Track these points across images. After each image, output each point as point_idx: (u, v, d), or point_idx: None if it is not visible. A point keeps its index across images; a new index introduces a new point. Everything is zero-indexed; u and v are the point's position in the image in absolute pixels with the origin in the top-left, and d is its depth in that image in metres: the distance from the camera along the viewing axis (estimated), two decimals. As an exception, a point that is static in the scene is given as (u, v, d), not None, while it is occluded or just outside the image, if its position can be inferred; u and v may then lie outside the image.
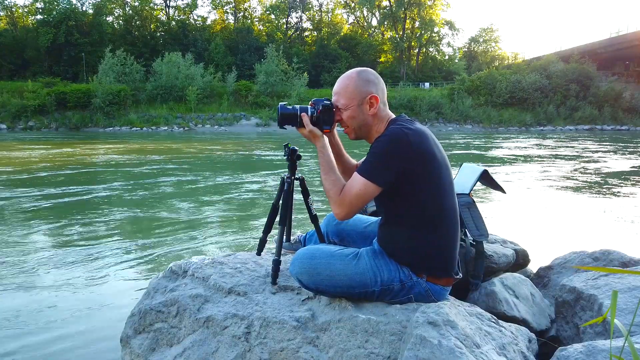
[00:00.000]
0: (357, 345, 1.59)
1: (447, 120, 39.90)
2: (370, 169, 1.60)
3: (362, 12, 62.42)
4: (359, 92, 1.72)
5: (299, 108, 1.80)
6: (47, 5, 47.63)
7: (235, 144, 21.04)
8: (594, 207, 6.61)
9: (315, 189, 6.85)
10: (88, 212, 6.14)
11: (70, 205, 6.59)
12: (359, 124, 1.75)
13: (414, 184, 1.60)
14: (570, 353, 1.36)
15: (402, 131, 1.60)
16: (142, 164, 12.33)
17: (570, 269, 2.34)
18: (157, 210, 6.37)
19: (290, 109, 1.79)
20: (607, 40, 47.24)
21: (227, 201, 7.13)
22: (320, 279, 1.68)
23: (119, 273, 3.82)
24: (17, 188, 8.08)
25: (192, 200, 7.15)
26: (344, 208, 1.62)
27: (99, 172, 10.72)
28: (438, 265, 1.69)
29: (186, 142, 22.18)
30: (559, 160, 13.78)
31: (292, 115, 1.79)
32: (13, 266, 3.93)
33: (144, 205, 6.70)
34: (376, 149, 1.61)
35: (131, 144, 20.44)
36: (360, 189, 1.59)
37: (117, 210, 6.31)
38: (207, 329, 1.79)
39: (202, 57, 45.93)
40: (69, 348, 2.59)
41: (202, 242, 4.88)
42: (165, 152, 16.34)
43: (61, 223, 5.53)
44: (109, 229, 5.32)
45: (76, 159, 13.53)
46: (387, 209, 1.72)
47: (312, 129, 1.76)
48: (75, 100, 35.85)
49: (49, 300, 3.27)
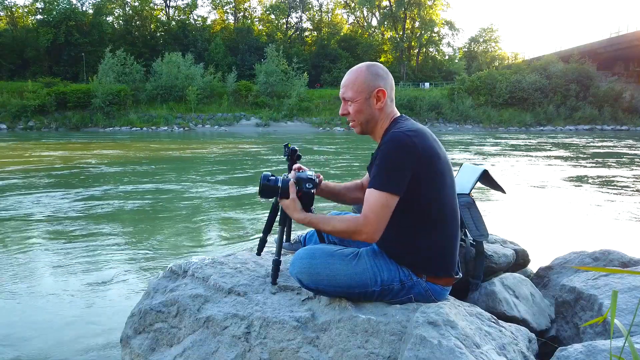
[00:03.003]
0: (357, 345, 1.59)
1: (447, 121, 39.94)
2: (385, 181, 1.57)
3: (362, 12, 62.49)
4: (367, 85, 1.71)
5: (280, 181, 1.75)
6: (47, 5, 47.68)
7: (235, 144, 21.04)
8: (594, 207, 6.61)
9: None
10: (87, 212, 6.14)
11: (70, 205, 6.59)
12: (366, 118, 1.74)
13: (419, 185, 1.60)
14: (570, 353, 1.36)
15: (404, 135, 1.58)
16: (141, 164, 12.33)
17: (570, 269, 2.34)
18: (157, 210, 6.37)
19: (273, 180, 1.75)
20: (607, 40, 47.26)
21: (227, 201, 7.13)
22: (320, 279, 1.68)
23: (118, 273, 3.82)
24: (16, 188, 8.08)
25: (192, 200, 7.15)
26: (372, 226, 1.58)
27: (99, 172, 10.71)
28: (438, 265, 1.69)
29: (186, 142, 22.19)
30: (558, 160, 13.78)
31: (273, 188, 1.75)
32: (12, 266, 3.93)
33: (143, 205, 6.70)
34: (384, 159, 1.58)
35: (131, 144, 20.45)
36: (382, 203, 1.56)
37: (116, 210, 6.31)
38: (207, 329, 1.79)
39: (202, 57, 45.97)
40: (69, 348, 2.59)
41: (202, 242, 4.88)
42: (165, 152, 16.35)
43: (60, 223, 5.53)
44: (109, 228, 5.32)
45: (76, 159, 13.53)
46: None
47: (296, 200, 1.73)
48: (75, 100, 35.90)
49: (48, 300, 3.27)
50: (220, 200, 7.18)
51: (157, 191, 7.94)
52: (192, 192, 7.83)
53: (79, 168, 11.26)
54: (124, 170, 11.05)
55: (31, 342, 2.66)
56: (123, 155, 14.83)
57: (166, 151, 16.80)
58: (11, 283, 3.56)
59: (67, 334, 2.76)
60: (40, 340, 2.68)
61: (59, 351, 2.55)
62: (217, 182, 9.04)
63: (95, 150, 16.63)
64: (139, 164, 12.27)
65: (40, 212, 6.15)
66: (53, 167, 11.21)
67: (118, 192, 7.78)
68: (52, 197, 7.25)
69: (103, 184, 8.76)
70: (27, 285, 3.54)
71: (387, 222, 1.59)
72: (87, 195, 7.44)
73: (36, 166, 11.41)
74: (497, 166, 12.08)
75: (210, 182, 9.03)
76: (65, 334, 2.75)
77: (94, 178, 9.62)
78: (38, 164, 11.81)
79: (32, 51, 44.69)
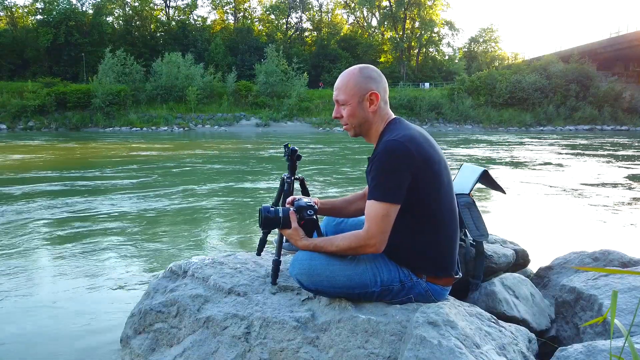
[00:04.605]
0: (357, 346, 1.59)
1: (447, 121, 39.93)
2: (385, 191, 1.57)
3: (362, 12, 62.48)
4: (360, 88, 1.69)
5: (281, 211, 1.76)
6: (47, 6, 47.66)
7: (235, 144, 21.04)
8: (594, 207, 6.61)
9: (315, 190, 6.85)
10: (87, 212, 6.14)
11: (69, 206, 6.59)
12: (359, 122, 1.73)
13: (417, 188, 1.60)
14: (570, 353, 1.36)
15: (398, 142, 1.57)
16: (141, 164, 12.33)
17: (570, 269, 2.33)
18: (157, 210, 6.37)
19: (273, 211, 1.75)
20: (607, 41, 47.28)
21: (227, 201, 7.13)
22: (320, 279, 1.67)
23: (119, 273, 3.82)
24: (16, 188, 8.08)
25: (191, 200, 7.15)
26: (376, 238, 1.59)
27: (99, 172, 10.71)
28: (438, 265, 1.69)
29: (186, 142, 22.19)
30: (559, 160, 13.78)
31: (274, 219, 1.75)
32: (12, 266, 3.93)
33: (143, 205, 6.70)
34: (381, 169, 1.58)
35: (131, 144, 20.45)
36: (383, 214, 1.57)
37: (116, 210, 6.31)
38: (207, 329, 1.79)
39: (202, 57, 45.94)
40: (69, 348, 2.58)
41: (202, 242, 4.88)
42: (165, 152, 16.35)
43: (60, 223, 5.53)
44: (109, 228, 5.32)
45: (75, 159, 13.53)
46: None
47: (298, 229, 1.75)
48: (75, 101, 35.87)
49: (48, 300, 3.27)
50: (220, 200, 7.18)
51: (157, 191, 7.94)
52: (192, 192, 7.83)
53: (79, 168, 11.26)
54: (124, 170, 11.04)
55: (31, 342, 2.66)
56: (123, 156, 14.83)
57: (166, 151, 16.80)
58: (11, 283, 3.56)
59: (67, 334, 2.76)
60: (40, 340, 2.67)
61: (59, 351, 2.55)
62: (217, 182, 9.04)
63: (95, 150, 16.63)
64: (139, 164, 12.27)
65: (40, 212, 6.14)
66: (53, 167, 11.20)
67: (117, 192, 7.78)
68: (52, 197, 7.25)
69: (103, 183, 8.76)
70: (27, 285, 3.54)
71: (389, 231, 1.60)
72: (87, 195, 7.44)
73: (36, 166, 11.40)
74: (497, 166, 12.08)
75: (210, 182, 9.03)
76: (66, 334, 2.75)
77: (93, 178, 9.62)
78: (38, 164, 11.81)
79: (32, 51, 44.68)
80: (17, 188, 8.11)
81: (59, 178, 9.51)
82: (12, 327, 2.84)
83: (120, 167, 11.60)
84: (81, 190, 8.00)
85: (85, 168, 11.32)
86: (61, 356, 2.51)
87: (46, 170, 10.72)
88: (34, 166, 11.43)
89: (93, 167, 11.65)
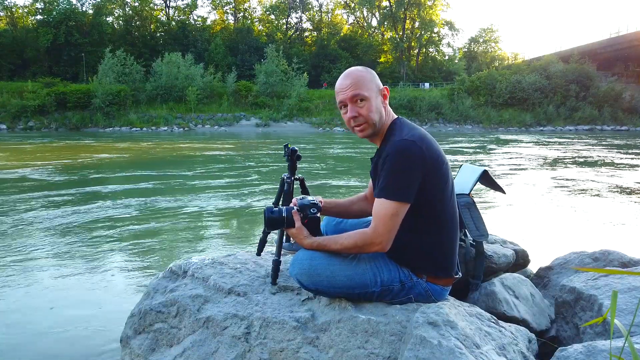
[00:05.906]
0: (357, 346, 1.59)
1: (447, 121, 39.91)
2: (395, 189, 1.56)
3: (362, 13, 62.45)
4: (375, 83, 1.69)
5: (284, 210, 1.75)
6: (47, 6, 47.66)
7: (235, 144, 21.04)
8: (594, 207, 6.61)
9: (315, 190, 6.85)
10: (87, 212, 6.14)
11: (69, 206, 6.59)
12: (379, 117, 1.69)
13: (425, 189, 1.59)
14: (570, 353, 1.36)
15: (411, 142, 1.56)
16: (141, 164, 12.33)
17: (570, 269, 2.33)
18: (157, 211, 6.36)
19: (276, 211, 1.74)
20: (606, 41, 47.26)
21: (227, 201, 7.13)
22: (320, 280, 1.67)
23: (119, 273, 3.82)
24: (16, 188, 8.07)
25: (191, 200, 7.15)
26: (382, 237, 1.58)
27: (98, 172, 10.71)
28: (438, 265, 1.69)
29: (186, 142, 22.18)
30: (558, 160, 13.78)
31: (278, 219, 1.74)
32: (12, 266, 3.93)
33: (143, 205, 6.70)
34: (392, 168, 1.56)
35: (131, 144, 20.44)
36: (392, 212, 1.55)
37: (116, 211, 6.31)
38: (207, 329, 1.79)
39: (202, 57, 45.91)
40: (69, 348, 2.59)
41: (202, 242, 4.88)
42: (165, 153, 16.34)
43: (60, 223, 5.53)
44: (109, 229, 5.32)
45: (75, 159, 13.53)
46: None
47: (302, 228, 1.73)
48: (75, 101, 35.84)
49: (48, 300, 3.27)
50: (219, 201, 7.18)
51: (157, 191, 7.94)
52: (192, 192, 7.83)
53: (78, 168, 11.26)
54: (124, 170, 11.04)
55: (31, 342, 2.66)
56: (123, 156, 14.83)
57: (166, 151, 16.80)
58: (11, 283, 3.56)
59: (67, 334, 2.76)
60: (40, 341, 2.68)
61: (60, 351, 2.55)
62: (217, 182, 9.04)
63: (95, 151, 16.63)
64: (139, 164, 12.27)
65: (40, 212, 6.14)
66: (53, 167, 11.20)
67: (117, 192, 7.78)
68: (52, 197, 7.25)
69: (103, 184, 8.76)
70: (27, 285, 3.54)
71: (396, 230, 1.58)
72: (87, 195, 7.44)
73: (36, 166, 11.40)
74: (497, 166, 12.08)
75: (210, 182, 9.02)
76: (65, 334, 2.75)
77: (93, 178, 9.62)
78: (38, 164, 11.81)
79: (32, 51, 44.65)
80: (17, 188, 8.11)
81: (59, 179, 9.51)
82: (12, 327, 2.84)
83: (120, 167, 11.60)
84: (81, 190, 8.00)
85: (85, 168, 11.31)
86: (61, 356, 2.51)
87: (46, 170, 10.72)
88: (33, 166, 11.43)
89: (93, 167, 11.64)
